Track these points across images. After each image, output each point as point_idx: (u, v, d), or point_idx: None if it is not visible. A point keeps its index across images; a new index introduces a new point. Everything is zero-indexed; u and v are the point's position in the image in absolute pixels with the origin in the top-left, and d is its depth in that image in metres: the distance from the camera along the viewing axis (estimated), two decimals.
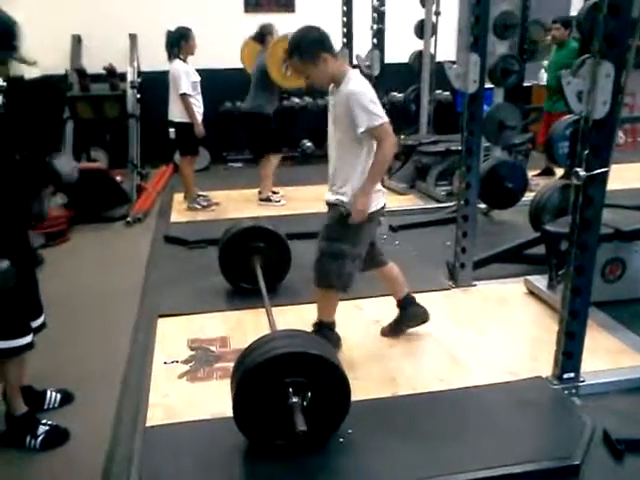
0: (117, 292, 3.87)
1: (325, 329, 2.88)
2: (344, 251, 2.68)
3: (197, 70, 5.25)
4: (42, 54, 5.84)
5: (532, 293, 3.58)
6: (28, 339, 2.30)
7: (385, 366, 2.86)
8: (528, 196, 4.78)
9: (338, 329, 2.97)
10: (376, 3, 5.36)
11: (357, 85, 2.53)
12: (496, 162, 4.99)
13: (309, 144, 7.53)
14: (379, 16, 5.42)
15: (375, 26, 5.49)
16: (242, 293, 3.60)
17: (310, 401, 2.12)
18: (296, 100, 7.44)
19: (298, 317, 3.19)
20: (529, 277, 3.66)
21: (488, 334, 3.16)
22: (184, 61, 5.16)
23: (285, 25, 7.03)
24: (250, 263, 3.47)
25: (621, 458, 2.23)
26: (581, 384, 2.61)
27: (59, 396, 2.68)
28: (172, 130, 6.26)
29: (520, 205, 4.97)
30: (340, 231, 2.68)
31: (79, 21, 6.75)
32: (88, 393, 2.73)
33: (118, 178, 5.71)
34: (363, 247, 2.76)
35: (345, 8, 5.96)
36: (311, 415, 2.10)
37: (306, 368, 2.14)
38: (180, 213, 5.51)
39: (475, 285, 3.72)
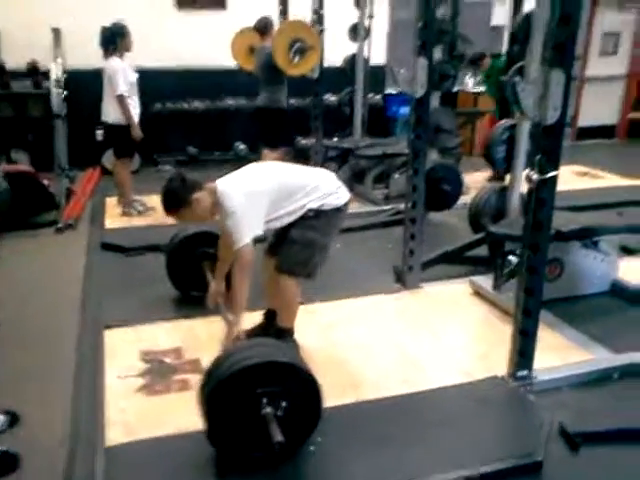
0: (55, 304, 3.67)
1: (286, 336, 2.86)
2: (315, 240, 2.76)
3: None
4: None
5: (478, 293, 3.71)
6: None
7: (346, 371, 2.88)
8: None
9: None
10: (316, 5, 5.36)
11: (229, 204, 2.64)
12: (433, 165, 5.11)
13: (242, 147, 7.46)
14: (319, 18, 5.43)
15: (317, 28, 5.48)
16: (191, 301, 3.51)
17: (283, 410, 2.10)
18: (230, 102, 7.34)
19: (252, 324, 3.15)
20: (474, 278, 3.79)
21: (440, 335, 3.25)
22: (121, 58, 4.96)
23: (218, 23, 7.00)
24: (200, 269, 3.39)
25: (577, 450, 2.35)
26: (535, 381, 2.72)
27: (3, 417, 2.51)
28: (100, 132, 6.02)
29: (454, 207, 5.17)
30: (315, 221, 2.75)
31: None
32: (35, 413, 2.57)
33: (45, 182, 5.42)
34: (331, 239, 2.86)
35: (281, 6, 5.94)
36: (285, 424, 2.07)
37: (278, 377, 2.12)
38: (115, 218, 5.30)
39: (422, 287, 3.81)
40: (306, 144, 7.01)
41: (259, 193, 2.67)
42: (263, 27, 5.44)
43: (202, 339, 3.16)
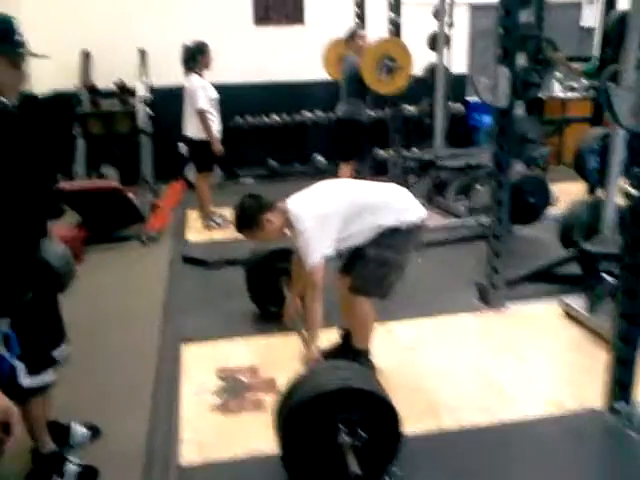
0: (137, 315, 3.76)
1: (362, 358, 2.77)
2: (391, 259, 2.68)
3: None
4: (51, 70, 5.83)
5: (569, 315, 3.46)
6: (52, 374, 2.17)
7: (425, 396, 2.74)
8: None
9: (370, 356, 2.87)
10: (392, 15, 5.26)
11: (300, 225, 2.60)
12: (519, 177, 4.88)
13: (321, 159, 7.45)
14: (396, 28, 5.33)
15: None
16: (269, 317, 3.49)
17: (361, 439, 2.01)
18: (308, 115, 7.36)
19: (329, 342, 3.07)
20: (564, 298, 3.55)
21: (527, 360, 3.05)
22: (200, 76, 5.07)
23: (296, 37, 7.05)
24: (278, 285, 3.36)
25: None
26: (636, 415, 2.48)
27: (85, 430, 2.56)
28: (183, 145, 6.19)
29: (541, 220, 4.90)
30: (389, 239, 2.65)
31: (87, 36, 6.66)
32: (115, 425, 2.61)
33: (131, 195, 5.60)
34: (407, 257, 2.76)
35: (358, 20, 5.90)
36: (362, 454, 1.98)
37: (356, 404, 2.03)
38: (196, 231, 5.40)
39: (508, 306, 3.61)
40: (385, 156, 6.93)
41: (330, 213, 2.61)
42: (349, 36, 5.39)
43: (278, 357, 3.11)
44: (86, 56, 6.76)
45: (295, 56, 6.73)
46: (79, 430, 2.54)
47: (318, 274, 2.59)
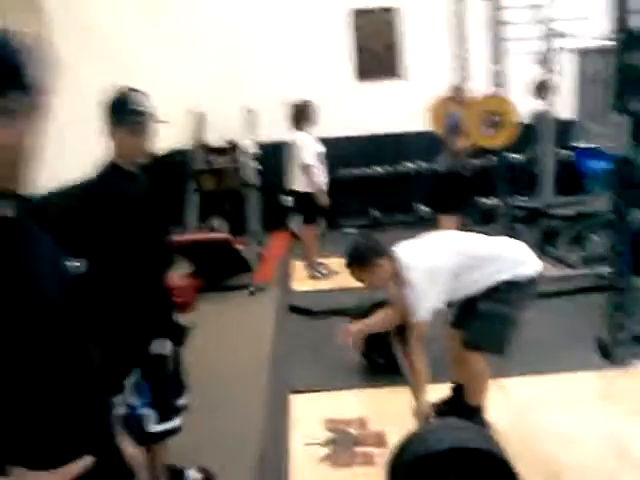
0: (246, 364, 3.84)
1: (475, 415, 2.66)
2: (506, 314, 2.59)
3: None
4: (169, 130, 6.29)
5: None
6: (179, 421, 2.25)
7: (544, 461, 2.57)
8: None
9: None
10: (494, 66, 5.24)
11: (410, 276, 2.57)
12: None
13: (424, 209, 7.42)
14: (498, 79, 5.29)
15: (494, 88, 5.36)
16: (377, 369, 3.46)
17: None
18: (410, 165, 7.40)
19: (441, 395, 2.97)
20: None
21: None
22: (308, 132, 5.27)
23: (397, 92, 7.19)
24: (386, 337, 3.32)
25: None
26: None
27: (199, 475, 2.61)
28: (288, 198, 6.40)
29: None
30: (504, 293, 2.57)
31: (201, 98, 7.15)
32: (225, 473, 2.63)
33: (239, 246, 5.83)
34: (522, 311, 2.65)
35: (459, 72, 5.91)
36: None
37: (475, 465, 1.93)
38: (301, 281, 5.50)
39: (635, 365, 3.35)
40: (491, 205, 6.78)
41: (441, 266, 2.57)
42: (452, 92, 5.43)
43: (387, 410, 3.05)
44: (200, 116, 7.25)
45: (396, 109, 6.85)
46: (192, 475, 2.61)
47: (424, 327, 2.55)
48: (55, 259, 1.09)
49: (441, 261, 2.59)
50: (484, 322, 2.61)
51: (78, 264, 3.02)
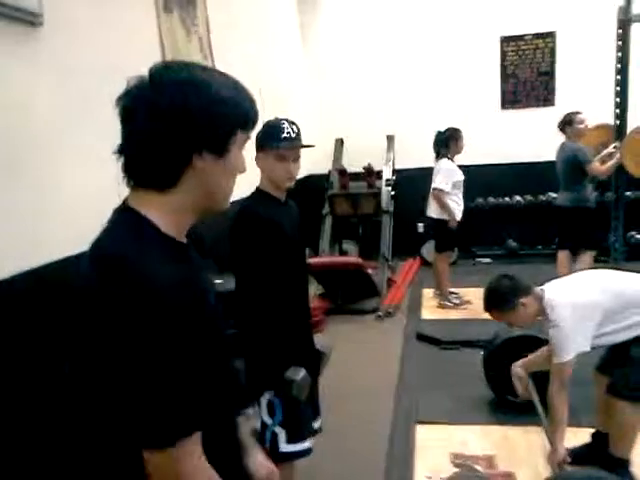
0: (372, 389, 3.82)
1: (622, 468, 2.44)
2: None
3: None
4: (311, 156, 6.52)
5: None
6: (310, 443, 2.25)
7: None
8: None
9: None
10: None
11: (556, 315, 2.45)
12: None
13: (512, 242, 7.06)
14: None
15: None
16: (506, 405, 3.29)
17: None
18: (552, 195, 7.02)
19: (578, 441, 2.76)
20: None
21: None
22: (451, 160, 5.21)
23: (545, 118, 6.90)
24: None
25: None
26: None
27: None
28: (421, 225, 6.33)
29: None
30: None
31: (342, 126, 7.36)
32: None
33: (370, 271, 5.86)
34: None
35: (618, 99, 5.54)
36: None
37: None
38: (431, 309, 5.40)
39: None
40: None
41: (590, 305, 2.41)
42: (565, 122, 5.09)
43: (517, 450, 2.90)
44: (340, 143, 7.45)
45: (542, 137, 6.55)
46: None
47: (567, 370, 2.41)
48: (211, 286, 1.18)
49: (592, 299, 2.44)
50: (635, 369, 2.41)
51: (221, 281, 3.22)
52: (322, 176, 7.15)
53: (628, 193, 5.98)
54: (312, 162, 6.68)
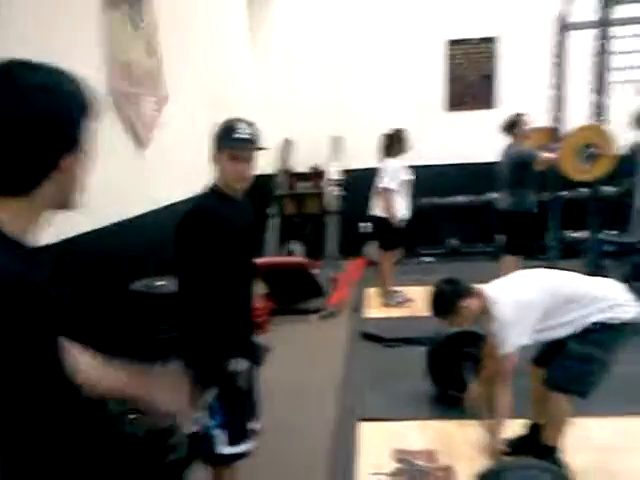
0: (315, 388, 3.83)
1: (552, 456, 2.52)
2: (596, 357, 2.48)
3: None
4: (259, 156, 6.49)
5: None
6: (248, 445, 2.21)
7: None
8: None
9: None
10: (596, 96, 5.02)
11: (497, 312, 2.52)
12: None
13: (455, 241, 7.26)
14: (599, 109, 5.05)
15: (593, 119, 5.13)
16: (446, 401, 3.36)
17: None
18: (492, 195, 7.21)
19: (513, 433, 2.83)
20: None
21: None
22: (398, 159, 5.26)
23: (487, 121, 7.08)
24: (460, 369, 3.23)
25: None
26: None
27: None
28: (364, 225, 6.38)
29: None
30: (597, 335, 2.47)
31: (290, 126, 7.33)
32: None
33: (314, 271, 5.86)
34: (614, 356, 2.51)
35: (556, 103, 5.73)
36: None
37: None
38: (375, 309, 5.45)
39: None
40: (578, 238, 6.49)
41: (530, 303, 2.49)
42: (506, 125, 5.16)
43: (456, 443, 2.96)
44: (287, 143, 7.42)
45: (483, 138, 6.71)
46: None
47: (510, 363, 2.48)
48: None
49: (532, 296, 2.52)
50: (570, 363, 2.49)
51: (164, 283, 3.15)
52: (270, 176, 7.12)
53: (563, 193, 6.19)
54: (260, 162, 6.64)
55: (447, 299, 2.62)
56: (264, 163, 6.85)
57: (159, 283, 3.23)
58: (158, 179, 3.91)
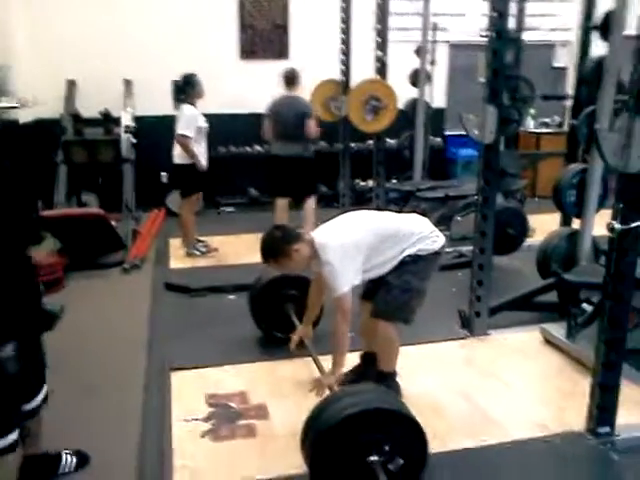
0: (122, 344, 3.71)
1: (388, 380, 2.86)
2: (413, 285, 2.77)
3: None
4: (39, 98, 5.86)
5: (549, 342, 3.56)
6: (13, 436, 2.02)
7: None
8: None
9: None
10: (379, 53, 5.42)
11: (327, 255, 2.67)
12: (499, 208, 5.01)
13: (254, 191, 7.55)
14: (382, 65, 5.47)
15: (378, 76, 5.54)
16: (257, 344, 3.55)
17: (390, 458, 2.05)
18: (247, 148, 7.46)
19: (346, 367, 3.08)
20: (544, 325, 3.65)
21: (511, 385, 3.12)
22: (193, 106, 5.14)
23: (279, 71, 7.22)
24: (282, 311, 3.43)
25: None
26: (617, 439, 2.56)
27: (74, 459, 2.52)
28: (165, 174, 6.20)
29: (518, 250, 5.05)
30: (412, 266, 2.75)
31: (74, 66, 6.71)
32: (104, 454, 2.57)
33: (113, 223, 5.60)
34: (427, 283, 2.85)
35: (343, 57, 6.06)
36: (391, 474, 2.04)
37: (383, 424, 2.09)
38: (179, 259, 5.41)
39: (490, 334, 3.69)
40: (366, 187, 7.08)
41: (356, 242, 2.69)
42: (291, 77, 5.53)
43: (267, 383, 3.14)
44: (72, 85, 6.81)
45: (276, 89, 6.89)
46: (68, 459, 2.50)
47: (347, 301, 2.67)
48: None
49: (357, 237, 2.72)
50: (392, 293, 2.77)
51: None
52: (54, 121, 6.51)
53: (353, 145, 6.66)
54: (41, 105, 6.03)
55: (278, 245, 2.72)
56: (47, 106, 6.26)
57: None
58: None
